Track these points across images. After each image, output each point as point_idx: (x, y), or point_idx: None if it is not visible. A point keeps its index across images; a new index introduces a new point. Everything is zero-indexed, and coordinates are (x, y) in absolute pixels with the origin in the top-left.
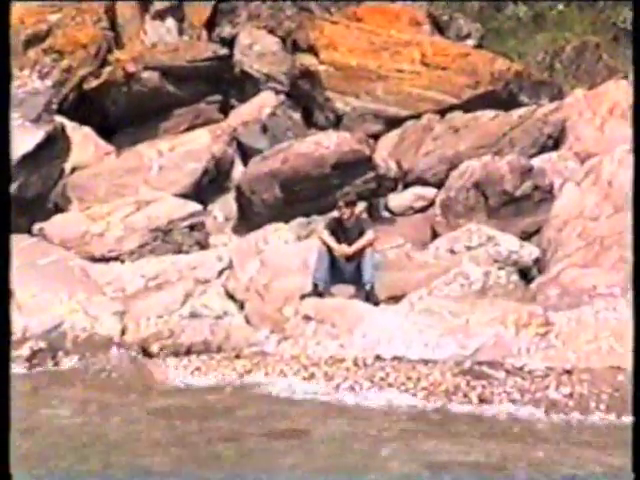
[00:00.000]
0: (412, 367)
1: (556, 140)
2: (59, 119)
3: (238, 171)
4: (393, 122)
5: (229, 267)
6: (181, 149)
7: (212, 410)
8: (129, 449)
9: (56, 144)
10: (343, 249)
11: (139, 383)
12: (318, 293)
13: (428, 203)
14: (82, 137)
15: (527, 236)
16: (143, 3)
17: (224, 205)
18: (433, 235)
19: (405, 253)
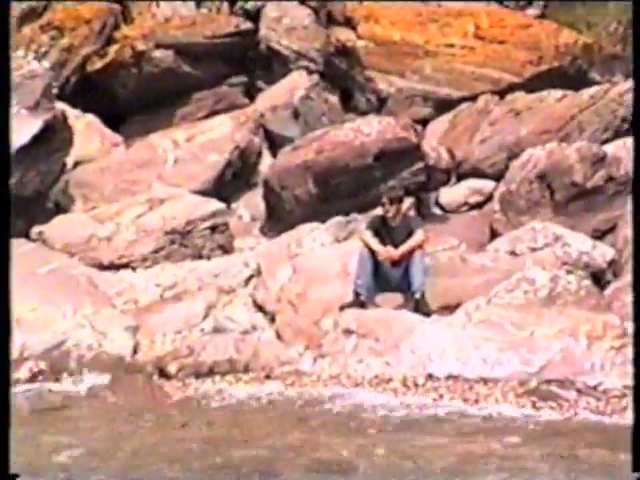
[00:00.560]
0: (469, 387)
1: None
2: (59, 106)
3: (266, 163)
4: (444, 105)
5: (257, 274)
6: (200, 139)
7: (241, 438)
8: None
9: (56, 135)
10: (388, 252)
11: (154, 409)
12: (360, 303)
13: (485, 198)
14: (86, 126)
15: (600, 235)
16: None
17: (250, 203)
18: (492, 235)
19: (460, 256)
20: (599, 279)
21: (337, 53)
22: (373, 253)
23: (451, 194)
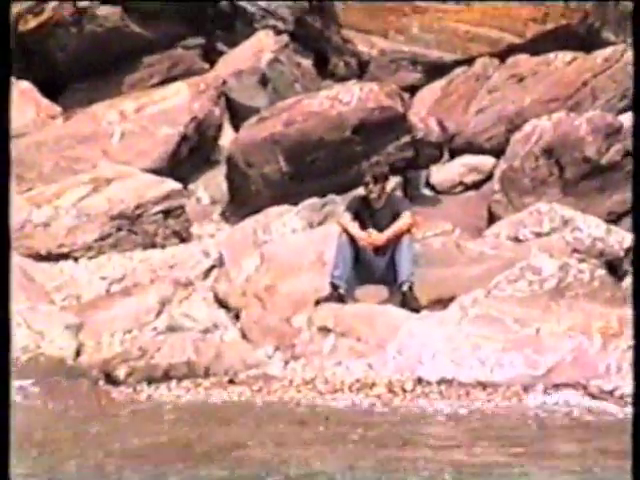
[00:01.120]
0: (465, 393)
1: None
2: None
3: (228, 138)
4: (434, 70)
5: (219, 265)
6: (151, 109)
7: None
8: None
9: None
10: (371, 237)
11: (100, 418)
12: (338, 297)
13: (483, 177)
14: (19, 95)
15: (616, 218)
16: None
17: (210, 183)
18: (490, 218)
19: (454, 242)
20: (615, 268)
21: (310, 10)
22: (353, 239)
23: (443, 172)
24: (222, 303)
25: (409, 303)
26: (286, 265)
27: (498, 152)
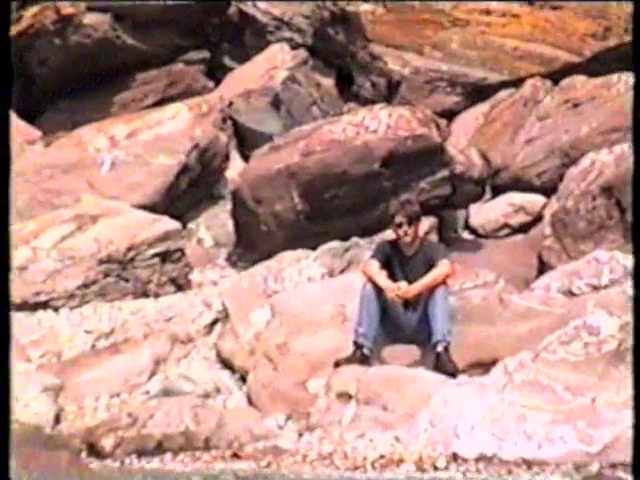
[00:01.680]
0: (508, 471)
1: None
2: None
3: (235, 169)
4: (477, 92)
5: (223, 318)
6: (146, 135)
7: None
8: None
9: None
10: (401, 289)
11: None
12: (362, 358)
13: (532, 218)
14: None
15: None
16: None
17: (214, 222)
18: (540, 267)
19: (497, 295)
20: None
21: (332, 20)
22: (380, 291)
23: (486, 212)
24: (226, 363)
25: (444, 366)
26: (301, 320)
27: (550, 190)
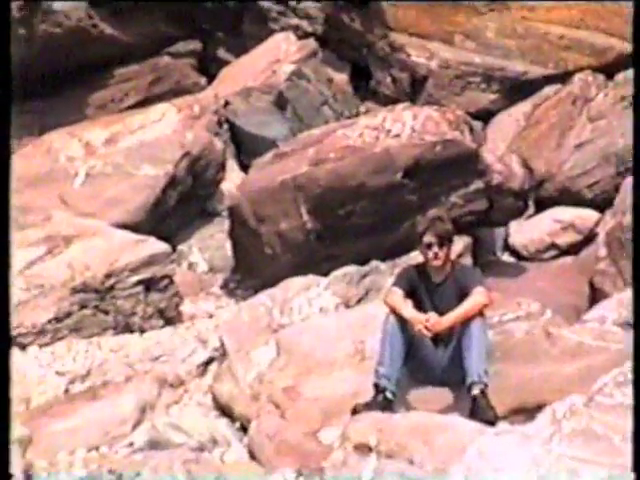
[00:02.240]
0: None
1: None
2: None
3: (233, 181)
4: (517, 89)
5: (220, 357)
6: (127, 141)
7: None
8: None
9: None
10: (430, 322)
11: None
12: (384, 403)
13: (583, 237)
14: None
15: None
16: None
17: (208, 244)
18: (593, 296)
19: (543, 329)
20: None
21: (347, 5)
22: (405, 324)
23: (528, 231)
24: (224, 410)
25: (481, 412)
26: (312, 359)
27: (604, 203)
